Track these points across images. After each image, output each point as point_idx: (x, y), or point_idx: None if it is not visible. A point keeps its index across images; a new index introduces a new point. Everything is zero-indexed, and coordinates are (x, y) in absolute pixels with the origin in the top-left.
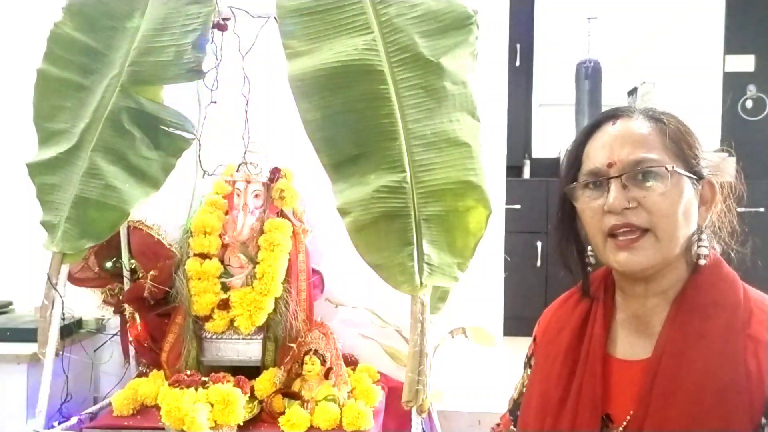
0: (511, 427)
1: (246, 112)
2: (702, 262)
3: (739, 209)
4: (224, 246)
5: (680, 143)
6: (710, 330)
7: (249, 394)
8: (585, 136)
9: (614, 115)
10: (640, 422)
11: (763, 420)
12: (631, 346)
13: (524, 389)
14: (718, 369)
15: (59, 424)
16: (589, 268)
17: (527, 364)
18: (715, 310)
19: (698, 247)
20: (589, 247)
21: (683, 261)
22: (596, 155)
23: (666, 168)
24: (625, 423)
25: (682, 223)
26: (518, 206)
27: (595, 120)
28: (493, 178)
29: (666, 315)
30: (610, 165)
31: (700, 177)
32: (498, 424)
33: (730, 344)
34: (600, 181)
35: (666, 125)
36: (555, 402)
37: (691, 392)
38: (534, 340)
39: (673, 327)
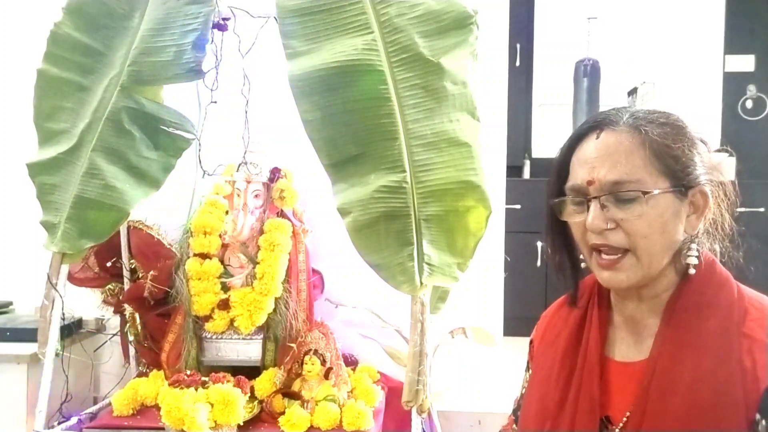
0: (514, 426)
1: (246, 112)
2: (692, 271)
3: (739, 209)
4: (224, 246)
5: (664, 157)
6: (705, 330)
7: (249, 394)
8: (569, 149)
9: (598, 126)
10: (637, 422)
11: (757, 416)
12: (628, 348)
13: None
14: (713, 368)
15: (59, 424)
16: (583, 265)
17: (527, 367)
18: (709, 310)
19: (688, 256)
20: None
21: (672, 268)
22: (578, 172)
23: (642, 192)
24: (622, 423)
25: (663, 241)
26: (518, 206)
27: (579, 131)
28: (493, 178)
29: (661, 317)
30: (590, 183)
31: (689, 187)
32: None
33: (725, 343)
34: (581, 199)
35: (650, 137)
36: (554, 405)
37: (687, 391)
38: (531, 344)
39: (668, 328)
